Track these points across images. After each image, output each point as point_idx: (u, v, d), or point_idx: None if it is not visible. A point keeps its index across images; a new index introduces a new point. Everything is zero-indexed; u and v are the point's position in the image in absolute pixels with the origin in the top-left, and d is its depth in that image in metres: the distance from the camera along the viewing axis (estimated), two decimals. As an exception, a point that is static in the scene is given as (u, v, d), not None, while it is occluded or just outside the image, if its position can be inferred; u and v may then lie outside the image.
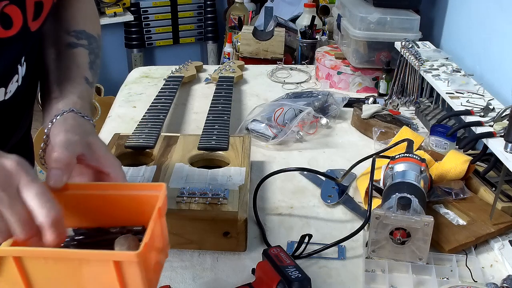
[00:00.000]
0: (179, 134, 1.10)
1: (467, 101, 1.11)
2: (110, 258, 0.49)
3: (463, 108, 1.09)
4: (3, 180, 0.51)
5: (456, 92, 1.16)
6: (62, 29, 0.79)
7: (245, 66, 1.70)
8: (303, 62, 1.83)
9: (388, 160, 0.97)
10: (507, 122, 0.91)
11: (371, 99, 1.34)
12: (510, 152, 0.91)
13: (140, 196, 0.59)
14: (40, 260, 0.51)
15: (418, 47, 1.38)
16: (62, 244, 0.57)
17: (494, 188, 0.97)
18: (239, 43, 1.95)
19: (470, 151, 1.06)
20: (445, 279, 0.82)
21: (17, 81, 0.74)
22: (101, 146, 0.66)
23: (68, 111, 0.67)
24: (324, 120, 1.30)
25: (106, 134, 1.24)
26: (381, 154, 1.06)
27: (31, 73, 0.79)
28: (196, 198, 0.86)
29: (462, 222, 0.91)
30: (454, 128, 1.09)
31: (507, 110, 1.00)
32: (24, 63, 0.75)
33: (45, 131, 0.66)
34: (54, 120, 0.66)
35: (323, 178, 1.07)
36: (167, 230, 0.59)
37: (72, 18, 0.81)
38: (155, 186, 0.59)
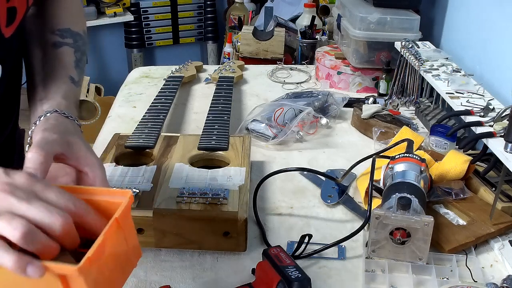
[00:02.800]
0: (179, 134, 1.10)
1: (467, 101, 1.11)
2: (53, 271, 0.49)
3: (463, 108, 1.09)
4: (20, 190, 0.51)
5: (456, 92, 1.16)
6: (46, 28, 0.78)
7: (245, 66, 1.70)
8: (303, 62, 1.83)
9: (388, 160, 0.97)
10: (507, 122, 0.91)
11: (371, 99, 1.34)
12: (510, 152, 0.91)
13: (107, 202, 0.58)
14: None
15: (418, 47, 1.38)
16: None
17: (494, 188, 0.97)
18: (239, 43, 1.95)
19: (470, 151, 1.06)
20: (445, 279, 0.82)
21: None
22: (81, 145, 0.65)
23: (51, 111, 0.67)
24: (324, 120, 1.30)
25: (106, 134, 1.24)
26: (381, 154, 1.06)
27: (10, 77, 0.78)
28: (196, 198, 0.86)
29: (462, 222, 0.91)
30: (454, 128, 1.09)
31: (507, 110, 1.00)
32: (0, 66, 0.74)
33: (29, 133, 0.66)
34: (37, 122, 0.66)
35: (323, 178, 1.07)
36: (134, 231, 0.58)
37: (56, 16, 0.80)
38: (122, 193, 0.57)
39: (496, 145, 0.94)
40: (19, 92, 0.85)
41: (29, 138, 0.66)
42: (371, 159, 1.02)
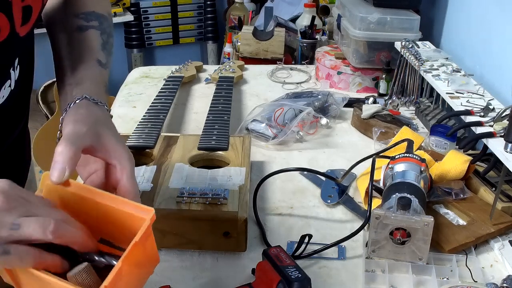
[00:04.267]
0: (179, 134, 1.10)
1: (467, 101, 1.11)
2: None
3: (463, 108, 1.09)
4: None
5: (456, 92, 1.16)
6: (70, 13, 0.77)
7: (245, 66, 1.70)
8: (303, 62, 1.83)
9: (388, 160, 0.97)
10: (507, 122, 0.91)
11: (371, 99, 1.34)
12: (510, 152, 0.91)
13: (128, 215, 0.57)
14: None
15: (418, 47, 1.38)
16: None
17: (494, 188, 0.97)
18: (239, 43, 1.95)
19: (470, 151, 1.06)
20: (445, 279, 0.82)
21: (10, 85, 0.73)
22: (111, 137, 0.64)
23: (81, 98, 0.66)
24: (324, 120, 1.30)
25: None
26: (381, 154, 1.06)
27: (25, 76, 0.78)
28: (196, 198, 0.86)
29: (462, 222, 0.91)
30: (454, 128, 1.09)
31: (507, 110, 1.00)
32: (18, 66, 0.74)
33: (60, 119, 0.65)
34: (67, 108, 0.65)
35: (323, 178, 1.07)
36: (153, 242, 0.57)
37: (80, 0, 0.79)
38: (146, 209, 0.57)
39: (496, 145, 0.94)
40: (30, 93, 0.85)
41: (60, 125, 0.65)
42: (371, 159, 1.02)
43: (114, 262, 0.54)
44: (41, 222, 0.50)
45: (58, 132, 0.65)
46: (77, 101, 0.65)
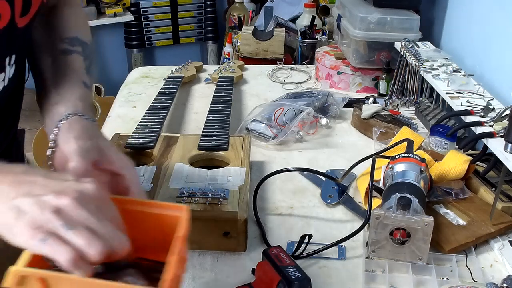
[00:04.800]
0: (179, 134, 1.10)
1: (467, 101, 1.11)
2: None
3: (463, 108, 1.09)
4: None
5: (456, 92, 1.16)
6: (55, 36, 0.79)
7: (245, 66, 1.70)
8: (303, 62, 1.83)
9: (388, 160, 0.97)
10: (507, 122, 0.91)
11: (371, 99, 1.34)
12: (510, 152, 0.91)
13: (162, 216, 0.58)
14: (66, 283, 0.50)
15: (418, 47, 1.38)
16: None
17: (494, 188, 0.97)
18: (239, 43, 1.95)
19: (470, 151, 1.06)
20: (445, 279, 0.82)
21: (3, 80, 0.73)
22: (111, 148, 0.66)
23: (71, 114, 0.67)
24: (324, 120, 1.30)
25: (106, 134, 1.23)
26: (381, 154, 1.06)
27: (19, 77, 0.78)
28: (196, 198, 0.86)
29: (462, 222, 0.91)
30: (454, 128, 1.09)
31: (507, 110, 1.00)
32: (14, 65, 0.74)
33: (51, 136, 0.66)
34: (59, 125, 0.66)
35: (323, 178, 1.07)
36: (186, 248, 0.57)
37: (65, 26, 0.81)
38: (177, 207, 0.58)
39: (496, 145, 0.94)
40: (22, 98, 0.85)
41: (51, 142, 0.65)
42: (371, 159, 1.02)
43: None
44: (60, 251, 0.49)
45: (49, 149, 0.65)
46: (68, 118, 0.66)
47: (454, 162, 1.00)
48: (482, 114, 1.05)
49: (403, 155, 0.95)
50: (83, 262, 0.49)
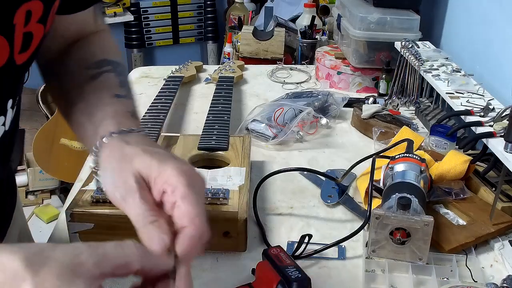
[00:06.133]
0: (179, 134, 1.10)
1: (467, 101, 1.11)
2: None
3: (463, 108, 1.09)
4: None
5: (456, 92, 1.16)
6: (80, 66, 0.71)
7: (245, 66, 1.70)
8: (303, 62, 1.83)
9: (388, 160, 0.97)
10: (507, 122, 0.91)
11: (371, 99, 1.34)
12: (510, 152, 0.91)
13: None
14: None
15: (418, 47, 1.38)
16: None
17: (494, 188, 0.97)
18: (239, 43, 1.95)
19: (470, 151, 1.06)
20: (445, 279, 0.82)
21: (3, 124, 0.63)
22: (147, 158, 0.53)
23: (106, 136, 0.57)
24: (324, 120, 1.30)
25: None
26: (381, 154, 1.06)
27: (16, 117, 0.70)
28: (196, 198, 0.86)
29: (462, 222, 0.91)
30: (454, 128, 1.09)
31: (507, 110, 1.00)
32: (15, 107, 0.66)
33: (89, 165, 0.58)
34: (94, 154, 0.57)
35: (323, 178, 1.07)
36: None
37: (89, 53, 0.73)
38: None
39: (496, 145, 0.94)
40: (17, 133, 0.76)
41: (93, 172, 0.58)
42: (371, 159, 1.02)
43: None
44: None
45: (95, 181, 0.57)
46: (103, 142, 0.57)
47: (454, 162, 1.00)
48: (482, 114, 1.05)
49: (403, 155, 0.95)
50: None
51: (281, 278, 0.71)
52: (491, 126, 1.00)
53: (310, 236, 0.85)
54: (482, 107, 1.07)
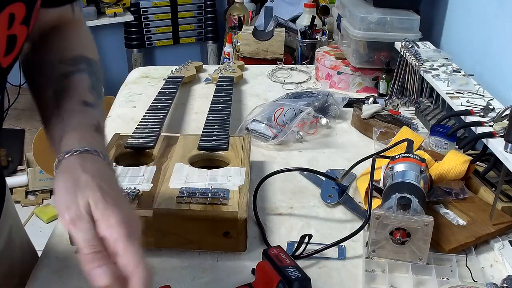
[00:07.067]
0: (179, 134, 1.10)
1: (467, 101, 1.11)
2: None
3: (463, 108, 1.09)
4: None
5: (456, 92, 1.16)
6: (55, 61, 0.71)
7: (245, 66, 1.70)
8: (303, 62, 1.83)
9: (388, 160, 0.97)
10: (507, 122, 0.91)
11: (371, 99, 1.34)
12: (510, 152, 0.91)
13: None
14: None
15: (418, 47, 1.38)
16: None
17: (494, 188, 0.97)
18: (239, 43, 1.95)
19: (470, 151, 1.06)
20: (445, 279, 0.82)
21: None
22: (90, 199, 0.56)
23: (64, 154, 0.59)
24: (324, 120, 1.30)
25: (106, 134, 1.24)
26: (381, 154, 1.06)
27: (1, 117, 0.71)
28: (196, 198, 0.86)
29: (462, 222, 0.91)
30: (454, 128, 1.10)
31: (507, 110, 1.00)
32: None
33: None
34: (55, 167, 0.60)
35: (323, 178, 1.07)
36: None
37: (65, 47, 0.72)
38: None
39: (496, 145, 0.94)
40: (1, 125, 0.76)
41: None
42: (371, 159, 1.02)
43: None
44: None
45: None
46: (61, 159, 0.60)
47: (454, 162, 1.00)
48: (482, 114, 1.05)
49: (403, 155, 0.95)
50: None
51: (281, 278, 0.71)
52: (491, 126, 1.00)
53: (310, 236, 0.85)
54: (482, 107, 1.07)
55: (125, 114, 1.39)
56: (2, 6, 0.55)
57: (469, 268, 0.82)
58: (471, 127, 1.05)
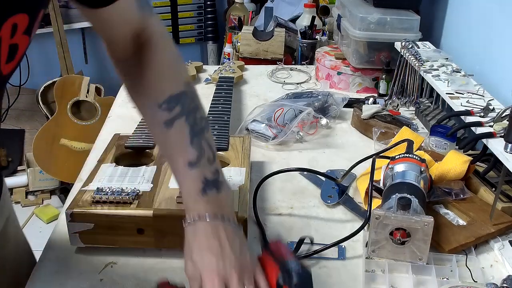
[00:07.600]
0: (179, 134, 1.10)
1: (467, 102, 1.11)
2: None
3: (463, 109, 1.09)
4: None
5: (456, 92, 1.16)
6: (152, 101, 0.76)
7: (245, 66, 1.70)
8: (303, 62, 1.83)
9: (388, 160, 0.97)
10: (507, 122, 0.91)
11: (371, 100, 1.34)
12: (510, 153, 0.91)
13: None
14: None
15: (418, 47, 1.38)
16: None
17: (494, 188, 0.97)
18: (239, 44, 1.95)
19: (470, 151, 1.06)
20: (445, 279, 0.82)
21: None
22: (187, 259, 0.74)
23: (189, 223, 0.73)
24: (324, 121, 1.30)
25: (106, 134, 1.24)
26: (381, 155, 1.06)
27: None
28: (196, 198, 0.86)
29: (462, 222, 0.91)
30: (454, 128, 1.10)
31: (507, 110, 1.00)
32: None
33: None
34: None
35: (323, 179, 1.07)
36: None
37: (156, 87, 0.75)
38: None
39: (496, 145, 0.94)
40: None
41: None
42: (371, 159, 1.02)
43: None
44: None
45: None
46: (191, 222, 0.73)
47: (454, 162, 1.00)
48: (482, 114, 1.05)
49: (403, 155, 0.95)
50: None
51: (281, 272, 0.71)
52: (491, 126, 1.00)
53: (311, 239, 0.85)
54: (482, 107, 1.07)
55: (125, 114, 1.39)
56: (7, 16, 0.57)
57: (469, 268, 0.82)
58: (471, 128, 1.05)
